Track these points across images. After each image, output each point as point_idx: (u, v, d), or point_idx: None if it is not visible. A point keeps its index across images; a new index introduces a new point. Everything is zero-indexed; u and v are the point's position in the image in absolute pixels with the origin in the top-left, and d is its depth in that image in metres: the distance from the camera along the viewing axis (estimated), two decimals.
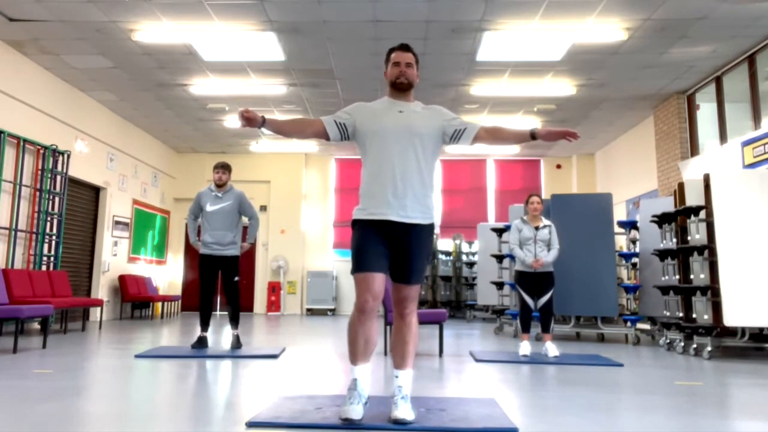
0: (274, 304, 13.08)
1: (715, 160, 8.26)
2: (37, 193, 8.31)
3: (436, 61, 8.09)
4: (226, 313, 6.72)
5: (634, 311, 7.56)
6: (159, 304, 11.68)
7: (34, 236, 8.22)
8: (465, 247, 12.68)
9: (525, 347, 5.48)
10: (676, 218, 6.46)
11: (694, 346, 5.82)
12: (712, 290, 5.73)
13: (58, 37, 7.33)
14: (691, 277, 6.08)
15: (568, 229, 7.09)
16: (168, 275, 13.34)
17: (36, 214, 8.26)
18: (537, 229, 5.68)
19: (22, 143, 7.96)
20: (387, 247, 2.83)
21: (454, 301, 12.48)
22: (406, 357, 2.87)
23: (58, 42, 7.50)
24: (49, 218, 8.50)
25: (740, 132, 7.94)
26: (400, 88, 2.94)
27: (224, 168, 5.79)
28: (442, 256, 12.70)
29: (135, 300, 10.73)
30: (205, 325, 5.75)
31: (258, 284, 13.45)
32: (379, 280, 2.78)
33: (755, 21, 6.80)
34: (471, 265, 12.48)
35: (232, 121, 10.94)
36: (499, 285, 8.44)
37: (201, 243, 5.73)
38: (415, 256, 2.84)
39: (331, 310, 13.16)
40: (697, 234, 6.00)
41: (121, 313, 11.01)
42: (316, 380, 4.04)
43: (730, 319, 5.42)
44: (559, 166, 13.80)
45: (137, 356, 5.11)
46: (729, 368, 4.89)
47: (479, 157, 13.76)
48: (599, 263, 7.20)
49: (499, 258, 8.47)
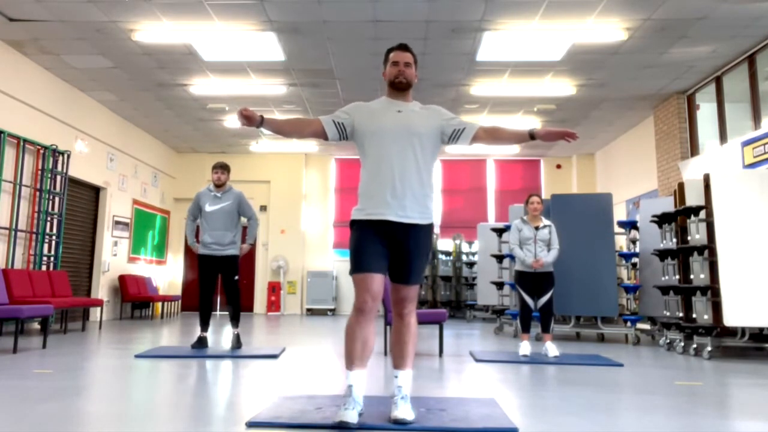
0: (274, 304, 13.08)
1: (715, 160, 8.26)
2: (37, 193, 8.31)
3: (436, 61, 8.09)
4: (227, 312, 6.72)
5: (634, 311, 7.56)
6: (159, 304, 11.68)
7: (34, 236, 8.23)
8: (465, 247, 12.68)
9: (525, 347, 5.48)
10: (676, 218, 6.46)
11: (694, 346, 5.82)
12: (712, 290, 5.73)
13: (58, 37, 7.34)
14: (691, 277, 6.08)
15: (568, 229, 7.10)
16: (168, 275, 13.34)
17: (36, 214, 8.26)
18: (537, 229, 5.68)
19: (22, 143, 7.96)
20: (386, 248, 2.81)
21: (454, 301, 12.48)
22: (405, 357, 2.87)
23: (58, 42, 7.50)
24: (49, 218, 8.50)
25: (740, 132, 7.94)
26: (399, 87, 2.93)
27: (223, 168, 5.79)
28: (442, 256, 12.70)
29: (135, 300, 10.73)
30: (205, 325, 5.75)
31: (258, 284, 13.45)
32: (378, 280, 2.76)
33: (755, 21, 6.80)
34: (471, 265, 12.48)
35: (232, 121, 10.94)
36: (499, 285, 8.44)
37: (200, 244, 5.74)
38: (414, 257, 2.83)
39: (331, 310, 13.16)
40: (697, 234, 6.00)
41: (121, 313, 11.01)
42: (316, 380, 4.04)
43: (730, 319, 5.42)
44: (559, 166, 13.80)
45: (137, 356, 5.11)
46: (729, 368, 4.89)
47: (479, 157, 13.77)
48: (599, 263, 7.20)
49: (499, 258, 8.47)
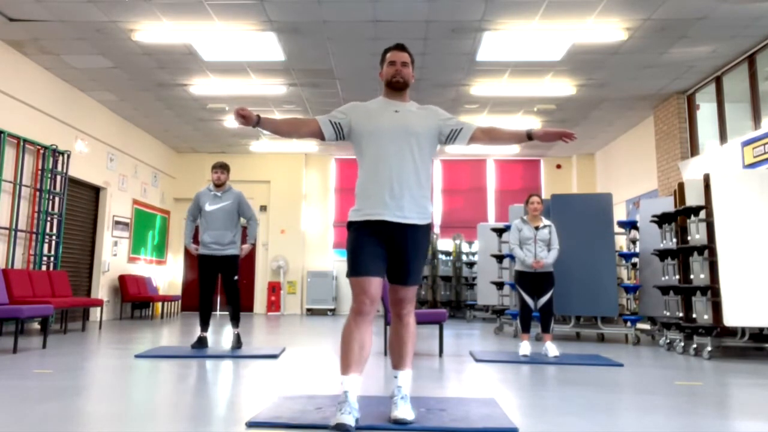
0: (274, 304, 13.08)
1: (715, 160, 8.26)
2: (37, 193, 8.31)
3: (436, 61, 8.09)
4: (227, 312, 6.72)
5: (634, 311, 7.56)
6: (159, 304, 11.68)
7: (34, 236, 8.22)
8: (465, 247, 12.68)
9: (525, 347, 5.48)
10: (676, 218, 6.46)
11: (694, 346, 5.82)
12: (712, 290, 5.73)
13: (58, 37, 7.34)
14: (691, 277, 6.08)
15: (568, 229, 7.10)
16: (168, 275, 13.34)
17: (36, 214, 8.26)
18: (537, 229, 5.68)
19: (22, 143, 7.96)
20: (384, 249, 2.79)
21: (454, 301, 12.48)
22: (404, 357, 2.86)
23: (58, 42, 7.50)
24: (49, 218, 8.50)
25: (740, 132, 7.93)
26: (396, 87, 2.91)
27: (222, 168, 5.80)
28: (442, 256, 12.70)
29: (135, 300, 10.73)
30: (205, 325, 5.75)
31: (258, 284, 13.44)
32: (376, 284, 2.74)
33: (755, 21, 6.80)
34: (471, 265, 12.48)
35: (232, 121, 10.94)
36: (499, 285, 8.44)
37: (200, 243, 5.73)
38: (412, 257, 2.82)
39: (331, 310, 13.16)
40: (697, 234, 6.00)
41: (121, 313, 11.01)
42: (316, 380, 4.04)
43: (730, 319, 5.42)
44: (559, 166, 13.80)
45: (137, 356, 5.11)
46: (729, 368, 4.89)
47: (479, 157, 13.77)
48: (599, 263, 7.20)
49: (499, 258, 8.47)
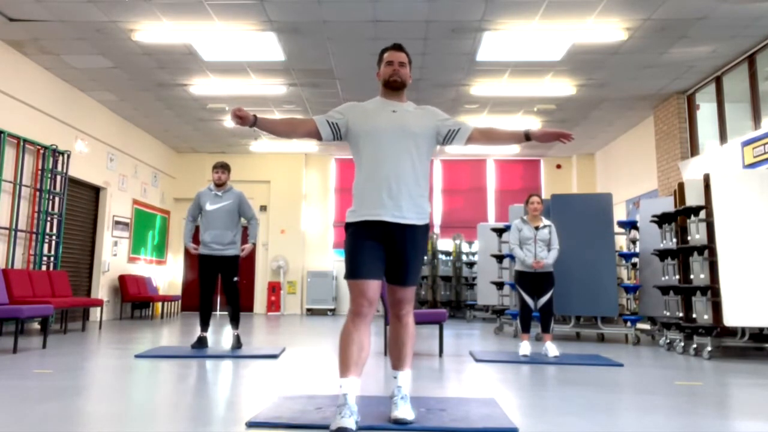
0: (274, 304, 13.08)
1: (715, 160, 8.26)
2: (37, 193, 8.31)
3: (436, 61, 8.09)
4: (227, 313, 6.72)
5: (634, 311, 7.56)
6: (159, 304, 11.68)
7: (34, 236, 8.22)
8: (465, 247, 12.68)
9: (525, 347, 5.48)
10: (676, 218, 6.46)
11: (694, 346, 5.82)
12: (712, 290, 5.73)
13: (58, 37, 7.34)
14: (691, 277, 6.08)
15: (568, 229, 7.10)
16: (168, 275, 13.34)
17: (36, 214, 8.26)
18: (537, 229, 5.68)
19: (22, 143, 7.96)
20: (382, 251, 2.78)
21: (454, 301, 12.48)
22: (403, 358, 2.86)
23: (58, 42, 7.50)
24: (49, 218, 8.50)
25: (740, 132, 7.93)
26: (394, 87, 2.90)
27: (223, 168, 5.80)
28: (442, 256, 12.70)
29: (135, 300, 10.73)
30: (205, 325, 5.75)
31: (258, 284, 13.44)
32: (374, 286, 2.73)
33: (755, 21, 6.80)
34: (471, 265, 12.47)
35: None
36: (499, 285, 8.44)
37: (200, 243, 5.73)
38: (411, 258, 2.81)
39: (331, 310, 13.16)
40: (697, 234, 6.00)
41: (121, 313, 11.01)
42: (316, 380, 4.04)
43: (730, 319, 5.42)
44: (559, 166, 13.80)
45: (137, 356, 5.11)
46: (729, 368, 4.89)
47: (479, 157, 13.77)
48: (599, 263, 7.20)
49: (499, 258, 8.47)
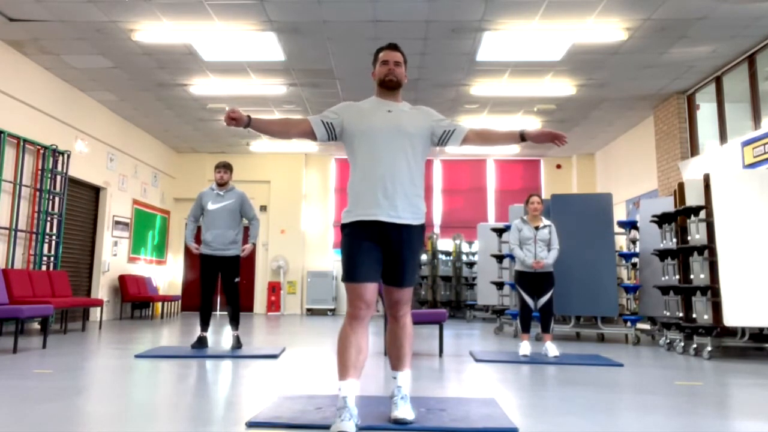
0: (274, 304, 13.08)
1: (715, 160, 8.26)
2: (37, 193, 8.31)
3: (435, 61, 8.09)
4: (226, 313, 6.73)
5: (634, 311, 7.56)
6: (159, 304, 11.68)
7: (34, 236, 8.22)
8: (465, 247, 12.68)
9: (525, 347, 5.48)
10: (676, 218, 6.46)
11: (694, 346, 5.82)
12: (712, 290, 5.73)
13: (58, 37, 7.33)
14: (691, 277, 6.08)
15: (568, 229, 7.09)
16: (168, 275, 13.34)
17: (36, 214, 8.26)
18: (537, 229, 5.68)
19: (22, 143, 7.96)
20: (379, 252, 2.77)
21: (454, 301, 12.48)
22: (402, 358, 2.86)
23: (58, 42, 7.50)
24: (49, 218, 8.50)
25: (740, 132, 7.93)
26: (389, 86, 2.89)
27: (226, 167, 5.81)
28: (442, 256, 12.70)
29: (135, 300, 10.73)
30: (205, 325, 5.75)
31: (258, 284, 13.44)
32: (372, 289, 2.73)
33: (755, 21, 6.80)
34: (471, 265, 12.47)
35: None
36: (499, 285, 8.44)
37: (201, 243, 5.74)
38: (407, 258, 2.80)
39: (331, 310, 13.16)
40: (697, 234, 6.00)
41: (121, 313, 11.01)
42: (316, 380, 4.04)
43: (730, 319, 5.42)
44: (559, 166, 13.80)
45: (137, 356, 5.11)
46: (729, 368, 4.89)
47: (479, 157, 13.77)
48: (599, 263, 7.20)
49: (499, 258, 8.47)
